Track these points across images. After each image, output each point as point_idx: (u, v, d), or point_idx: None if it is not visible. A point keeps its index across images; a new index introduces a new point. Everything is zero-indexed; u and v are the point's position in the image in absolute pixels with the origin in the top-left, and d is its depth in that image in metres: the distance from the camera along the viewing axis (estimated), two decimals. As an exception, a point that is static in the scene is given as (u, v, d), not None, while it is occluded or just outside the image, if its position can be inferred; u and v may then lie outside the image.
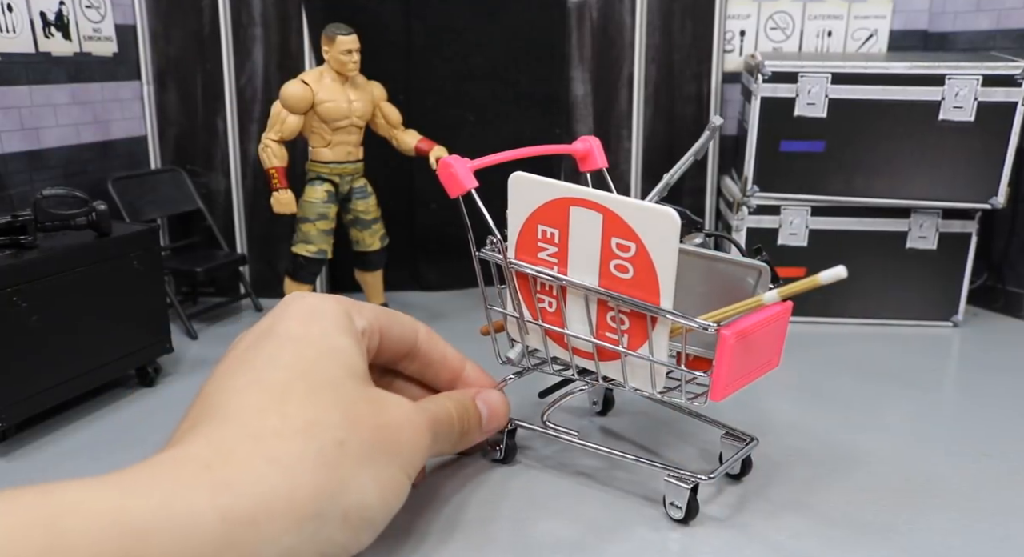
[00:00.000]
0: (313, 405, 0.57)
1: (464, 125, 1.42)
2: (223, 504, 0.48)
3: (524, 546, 0.68)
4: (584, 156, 0.88)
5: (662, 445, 0.87)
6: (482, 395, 0.77)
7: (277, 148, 1.15)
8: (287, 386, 0.57)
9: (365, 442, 0.58)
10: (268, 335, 0.62)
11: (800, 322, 1.32)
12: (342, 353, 0.62)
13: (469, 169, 0.74)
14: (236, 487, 0.50)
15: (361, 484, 0.57)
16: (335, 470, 0.55)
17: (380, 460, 0.59)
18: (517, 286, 0.76)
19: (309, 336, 0.62)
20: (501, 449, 0.82)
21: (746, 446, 0.77)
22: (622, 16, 1.39)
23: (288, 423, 0.55)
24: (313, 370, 0.59)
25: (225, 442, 0.53)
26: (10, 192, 1.12)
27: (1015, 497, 0.76)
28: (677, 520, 0.71)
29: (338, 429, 0.57)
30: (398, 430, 0.62)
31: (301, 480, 0.53)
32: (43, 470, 0.83)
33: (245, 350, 0.62)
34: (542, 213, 0.72)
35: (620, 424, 0.93)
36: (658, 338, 0.69)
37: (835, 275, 0.61)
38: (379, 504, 0.59)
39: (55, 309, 0.89)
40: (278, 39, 1.38)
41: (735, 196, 1.32)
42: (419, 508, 0.73)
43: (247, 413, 0.55)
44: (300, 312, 0.64)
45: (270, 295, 1.42)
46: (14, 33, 1.12)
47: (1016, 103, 1.16)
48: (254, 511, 0.49)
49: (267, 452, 0.53)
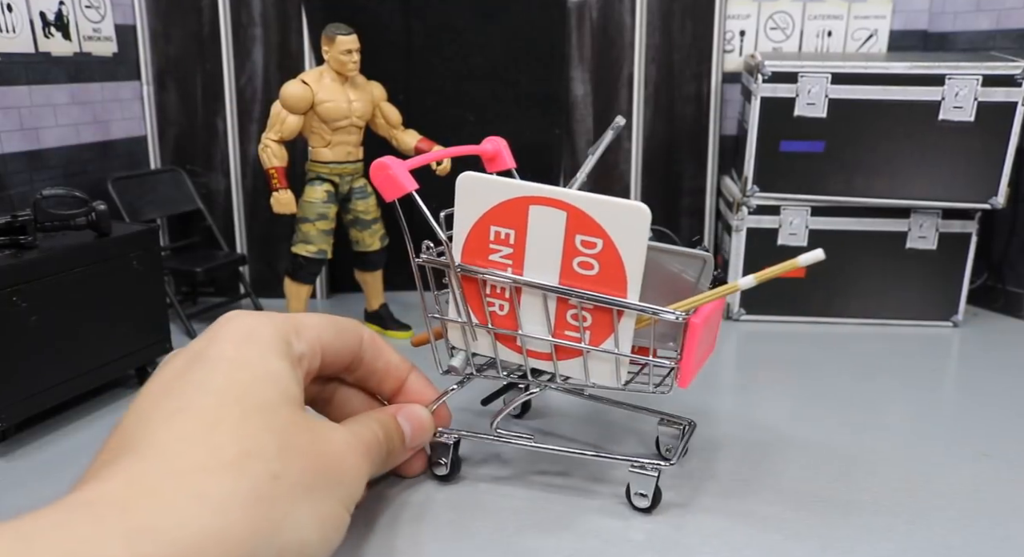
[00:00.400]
0: (246, 434, 0.52)
1: (464, 125, 1.42)
2: (141, 553, 0.42)
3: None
4: (492, 157, 0.88)
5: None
6: (403, 412, 0.73)
7: (277, 148, 1.15)
8: (218, 413, 0.52)
9: (303, 474, 0.54)
10: (199, 358, 0.57)
11: (800, 322, 1.32)
12: (278, 377, 0.57)
13: (406, 170, 0.72)
14: (157, 532, 0.44)
15: (298, 520, 0.52)
16: (270, 506, 0.50)
17: (319, 493, 0.55)
18: (464, 291, 0.74)
19: (243, 359, 0.57)
20: (446, 464, 0.78)
21: (689, 430, 0.80)
22: (622, 16, 1.39)
23: (217, 455, 0.49)
24: (247, 395, 0.54)
25: (145, 479, 0.47)
26: (10, 192, 1.12)
27: (1015, 497, 0.76)
28: (642, 508, 0.72)
29: (273, 461, 0.52)
30: (339, 459, 0.59)
31: (232, 519, 0.47)
32: (43, 470, 0.83)
33: (173, 375, 0.56)
34: (495, 213, 0.71)
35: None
36: (624, 332, 0.69)
37: (813, 257, 0.62)
38: (319, 541, 0.54)
39: (55, 309, 0.89)
40: (278, 39, 1.38)
41: (735, 196, 1.32)
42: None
43: (171, 445, 0.49)
44: (235, 334, 0.59)
45: (270, 295, 1.42)
46: (14, 33, 1.12)
47: (1016, 103, 1.16)
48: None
49: (193, 489, 0.47)
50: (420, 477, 0.80)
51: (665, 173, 1.47)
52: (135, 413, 0.54)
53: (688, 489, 0.77)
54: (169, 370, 0.57)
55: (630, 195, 1.47)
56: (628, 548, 0.67)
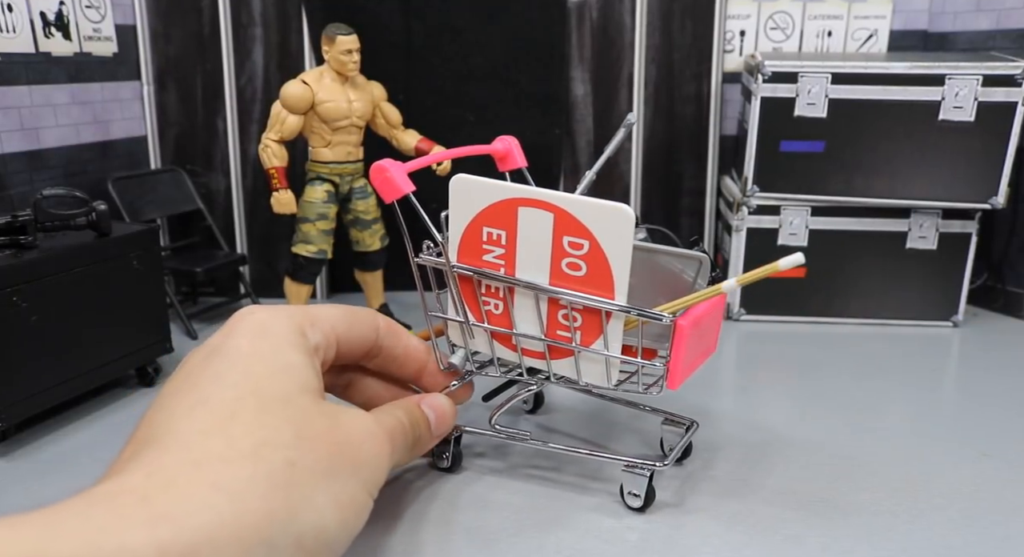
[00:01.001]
0: (262, 424, 0.54)
1: (464, 125, 1.42)
2: (161, 538, 0.44)
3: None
4: (503, 156, 0.88)
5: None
6: (427, 401, 0.75)
7: (277, 148, 1.15)
8: (235, 405, 0.54)
9: (321, 460, 0.55)
10: (216, 353, 0.59)
11: (800, 322, 1.32)
12: (294, 369, 0.59)
13: (404, 172, 0.72)
14: (176, 519, 0.46)
15: (316, 506, 0.53)
16: (287, 493, 0.51)
17: (337, 479, 0.56)
18: (460, 290, 0.75)
19: (259, 352, 0.59)
20: (448, 457, 0.80)
21: (689, 431, 0.80)
22: (622, 16, 1.39)
23: (234, 445, 0.51)
24: (263, 387, 0.56)
25: (165, 470, 0.49)
26: (10, 192, 1.12)
27: (1015, 497, 0.76)
28: (635, 508, 0.73)
29: (289, 448, 0.53)
30: (358, 446, 0.60)
31: (248, 506, 0.49)
32: (43, 470, 0.83)
33: (191, 370, 0.58)
34: (487, 215, 0.71)
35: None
36: (613, 333, 0.70)
37: (793, 261, 0.63)
38: (337, 526, 0.55)
39: (55, 309, 0.89)
40: (278, 39, 1.38)
41: (735, 196, 1.32)
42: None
43: (190, 437, 0.52)
44: (250, 329, 0.61)
45: (270, 295, 1.42)
46: (14, 33, 1.12)
47: (1016, 103, 1.16)
48: (196, 543, 0.46)
49: (211, 478, 0.49)
50: (420, 472, 0.81)
51: (665, 173, 1.47)
52: (158, 407, 0.56)
53: (688, 489, 0.77)
54: (189, 365, 0.59)
55: (630, 195, 1.47)
56: (627, 548, 0.68)
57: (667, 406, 0.85)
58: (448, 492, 0.77)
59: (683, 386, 0.71)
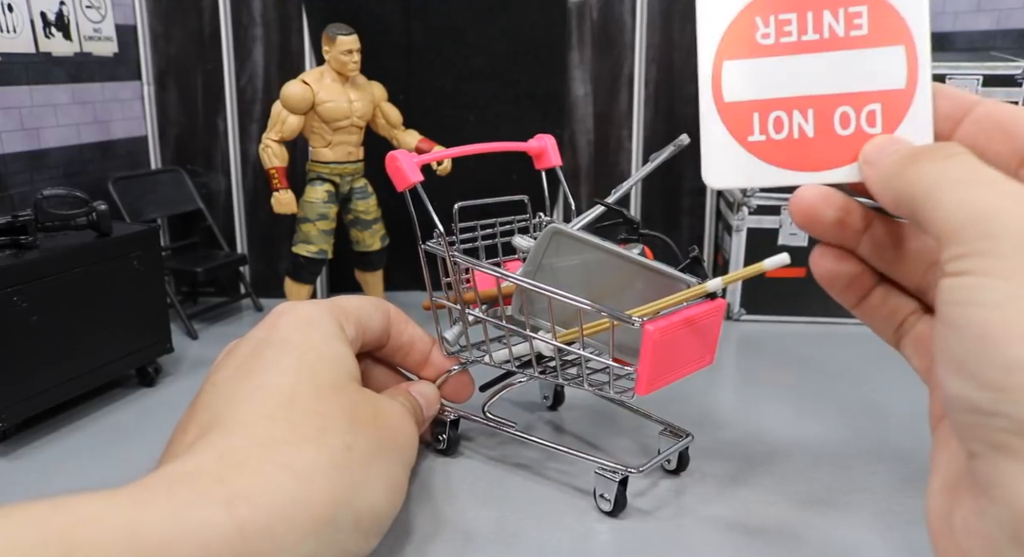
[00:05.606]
0: (320, 409, 0.57)
1: (464, 125, 1.42)
2: (240, 516, 0.47)
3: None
4: (539, 154, 0.88)
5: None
6: (415, 387, 0.78)
7: (277, 148, 1.15)
8: (294, 390, 0.58)
9: (371, 443, 0.59)
10: (267, 343, 0.63)
11: (800, 322, 1.32)
12: (341, 358, 0.64)
13: (416, 163, 0.75)
14: (252, 498, 0.49)
15: (369, 486, 0.57)
16: (346, 475, 0.55)
17: (384, 460, 0.60)
18: (456, 277, 0.78)
19: (309, 342, 0.63)
20: (444, 440, 0.83)
21: (681, 441, 0.79)
22: (622, 16, 1.39)
23: (297, 430, 0.55)
24: (317, 374, 0.60)
25: (236, 452, 0.52)
26: (10, 192, 1.12)
27: (1015, 497, 0.76)
28: (606, 512, 0.72)
29: (345, 433, 0.57)
30: (397, 428, 0.65)
31: (316, 486, 0.52)
32: (43, 470, 0.83)
33: (246, 358, 0.62)
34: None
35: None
36: (588, 331, 0.71)
37: (779, 262, 0.62)
38: (388, 506, 0.59)
39: (55, 309, 0.89)
40: (278, 39, 1.38)
41: (735, 196, 1.32)
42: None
43: (255, 420, 0.55)
44: (296, 321, 0.65)
45: (270, 295, 1.42)
46: (14, 33, 1.12)
47: (1016, 103, 1.16)
48: (271, 521, 0.49)
49: (279, 459, 0.52)
50: (419, 465, 0.81)
51: (665, 173, 1.47)
52: (214, 393, 0.59)
53: (687, 489, 0.77)
54: (238, 355, 0.63)
55: (631, 195, 1.47)
56: (627, 547, 0.68)
57: (667, 406, 0.84)
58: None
59: (683, 386, 0.71)
